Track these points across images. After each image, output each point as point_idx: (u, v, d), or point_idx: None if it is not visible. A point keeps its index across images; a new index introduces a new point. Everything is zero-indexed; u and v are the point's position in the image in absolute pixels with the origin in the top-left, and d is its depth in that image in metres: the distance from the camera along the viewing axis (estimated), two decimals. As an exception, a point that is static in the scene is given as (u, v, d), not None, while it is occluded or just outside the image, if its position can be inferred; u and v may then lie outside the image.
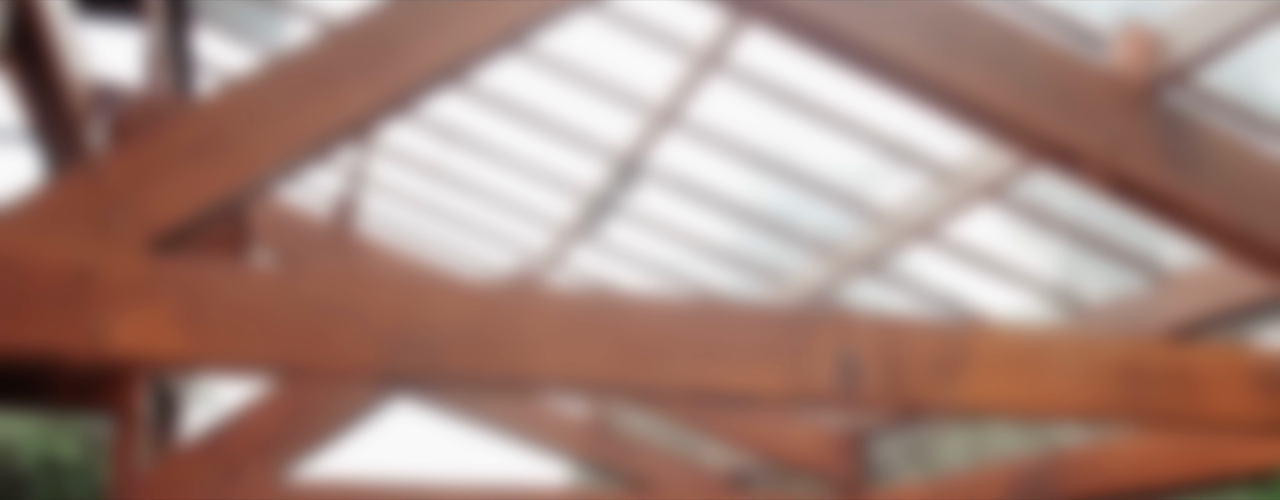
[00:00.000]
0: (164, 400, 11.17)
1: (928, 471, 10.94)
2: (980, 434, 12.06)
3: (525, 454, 13.90)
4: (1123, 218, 7.62)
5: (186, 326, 3.89)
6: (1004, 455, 9.77)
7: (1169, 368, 4.90)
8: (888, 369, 4.53)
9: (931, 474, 10.57)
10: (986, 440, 11.87)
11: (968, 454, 11.20)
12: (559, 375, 4.21)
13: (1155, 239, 7.68)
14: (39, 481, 11.25)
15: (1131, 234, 7.66)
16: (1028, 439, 10.53)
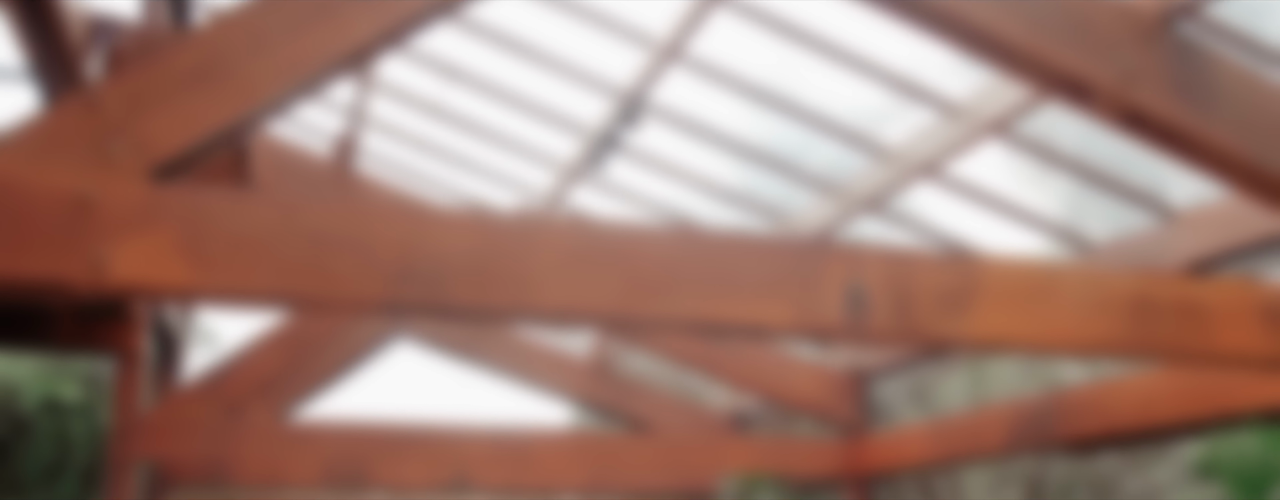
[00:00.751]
0: (166, 341, 11.16)
1: (929, 413, 10.93)
2: (982, 375, 12.05)
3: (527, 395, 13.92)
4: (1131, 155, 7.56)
5: (188, 256, 3.84)
6: (1006, 396, 9.75)
7: (1178, 302, 4.86)
8: (896, 302, 4.49)
9: (933, 415, 10.55)
10: (988, 381, 11.86)
11: (969, 395, 11.18)
12: (563, 307, 4.17)
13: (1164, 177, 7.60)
14: (41, 423, 11.26)
15: (1140, 172, 7.59)
16: (1030, 380, 10.50)
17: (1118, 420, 7.53)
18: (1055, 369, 10.39)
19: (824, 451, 10.57)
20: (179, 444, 9.39)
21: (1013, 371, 10.91)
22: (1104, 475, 10.29)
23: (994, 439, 8.76)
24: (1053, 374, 10.29)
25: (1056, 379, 9.84)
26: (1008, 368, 11.25)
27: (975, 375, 12.03)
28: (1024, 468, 10.99)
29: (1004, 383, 11.16)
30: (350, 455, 9.67)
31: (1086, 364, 10.00)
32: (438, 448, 9.71)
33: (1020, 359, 10.96)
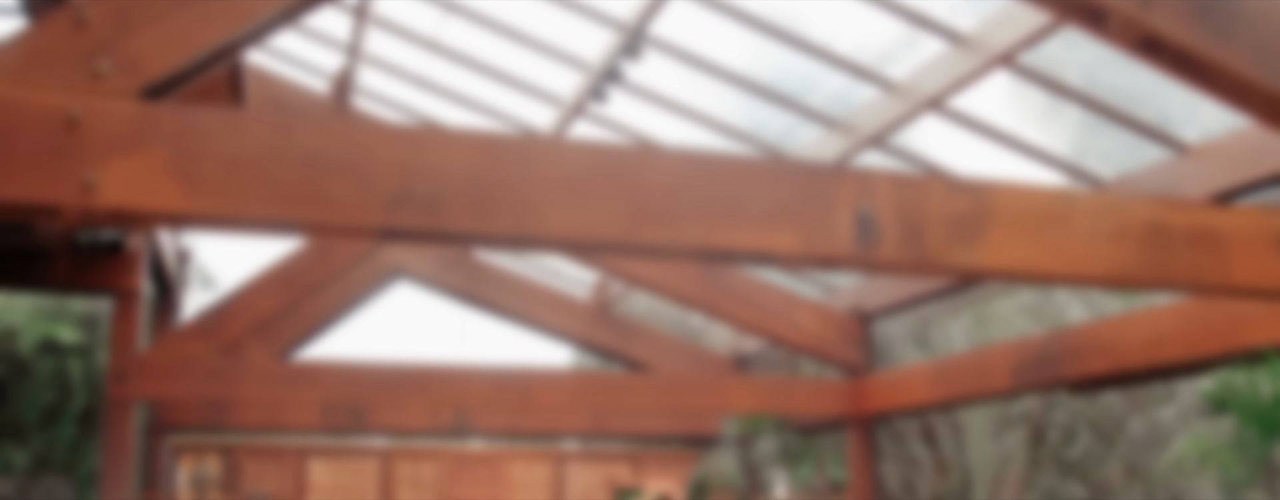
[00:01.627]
0: (164, 283, 11.07)
1: (931, 355, 10.86)
2: (985, 316, 11.96)
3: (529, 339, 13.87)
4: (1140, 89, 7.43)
5: (179, 178, 3.72)
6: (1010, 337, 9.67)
7: (1194, 230, 4.74)
8: (906, 230, 4.37)
9: (935, 356, 10.48)
10: (991, 323, 11.78)
11: (971, 338, 11.11)
12: (565, 233, 4.05)
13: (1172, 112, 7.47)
14: (39, 365, 11.19)
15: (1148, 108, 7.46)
16: (1034, 322, 10.43)
17: (1124, 359, 7.45)
18: (1059, 311, 10.31)
19: (827, 392, 10.50)
20: (177, 384, 9.31)
21: (1016, 312, 10.83)
22: (1107, 416, 10.24)
23: (998, 379, 8.69)
24: (1057, 315, 10.21)
25: (1061, 321, 9.76)
26: (1011, 310, 11.17)
27: (978, 317, 11.95)
28: (1026, 408, 10.94)
29: (1007, 325, 11.08)
30: (350, 395, 9.59)
31: (1091, 306, 9.92)
32: (438, 388, 9.62)
33: (1023, 301, 10.88)
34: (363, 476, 13.05)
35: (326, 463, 13.00)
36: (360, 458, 13.11)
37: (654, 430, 12.99)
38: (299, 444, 12.97)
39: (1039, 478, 11.03)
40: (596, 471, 13.65)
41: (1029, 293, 10.74)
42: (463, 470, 13.31)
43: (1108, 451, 10.71)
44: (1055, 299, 10.66)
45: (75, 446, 11.30)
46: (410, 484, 13.16)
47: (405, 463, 13.19)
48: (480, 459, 13.46)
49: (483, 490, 13.31)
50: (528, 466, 13.55)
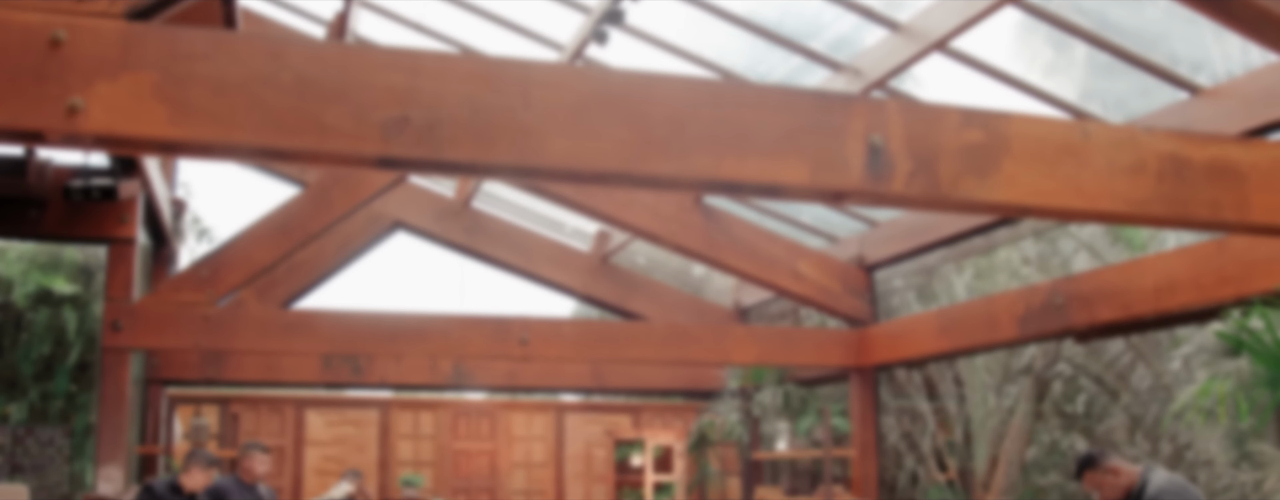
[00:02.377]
0: (160, 234, 10.95)
1: (934, 307, 10.76)
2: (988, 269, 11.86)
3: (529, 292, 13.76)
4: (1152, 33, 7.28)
5: (168, 103, 3.59)
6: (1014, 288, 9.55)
7: (1214, 164, 4.62)
8: (918, 162, 4.25)
9: (939, 306, 10.38)
10: (994, 275, 11.68)
11: (974, 291, 11.01)
12: (567, 162, 3.92)
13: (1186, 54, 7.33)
14: (34, 316, 11.09)
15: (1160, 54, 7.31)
16: (1038, 274, 10.32)
17: (1134, 306, 7.33)
18: (1065, 261, 10.22)
19: (830, 343, 10.40)
20: (173, 334, 9.19)
21: (1021, 263, 10.72)
22: (1111, 369, 10.16)
23: (1004, 328, 8.57)
24: (1062, 266, 10.11)
25: (1066, 271, 9.65)
26: (1016, 260, 11.06)
27: (981, 270, 11.84)
28: (1029, 361, 10.85)
29: (1011, 276, 10.98)
30: (348, 345, 9.49)
31: (1097, 256, 9.82)
32: (437, 337, 9.52)
33: (1028, 252, 10.77)
34: (361, 428, 12.98)
35: (325, 415, 12.93)
36: (359, 409, 13.03)
37: (654, 383, 12.92)
38: (297, 396, 12.90)
39: (1042, 431, 10.96)
40: (596, 424, 13.59)
41: (1033, 243, 10.63)
42: (462, 422, 13.25)
43: (1112, 404, 10.64)
44: (1060, 248, 10.56)
45: (71, 399, 11.23)
46: (409, 436, 13.09)
47: (404, 415, 13.13)
48: (479, 411, 13.40)
49: (482, 442, 13.25)
50: (527, 418, 13.49)
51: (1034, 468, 10.96)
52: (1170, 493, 5.04)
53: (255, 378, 11.85)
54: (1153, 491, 5.10)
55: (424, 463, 13.07)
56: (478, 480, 13.20)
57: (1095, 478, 5.37)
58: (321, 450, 12.79)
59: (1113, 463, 5.34)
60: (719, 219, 10.14)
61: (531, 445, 13.45)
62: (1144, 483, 5.22)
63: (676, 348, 10.03)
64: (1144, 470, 5.29)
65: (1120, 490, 5.30)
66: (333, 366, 11.82)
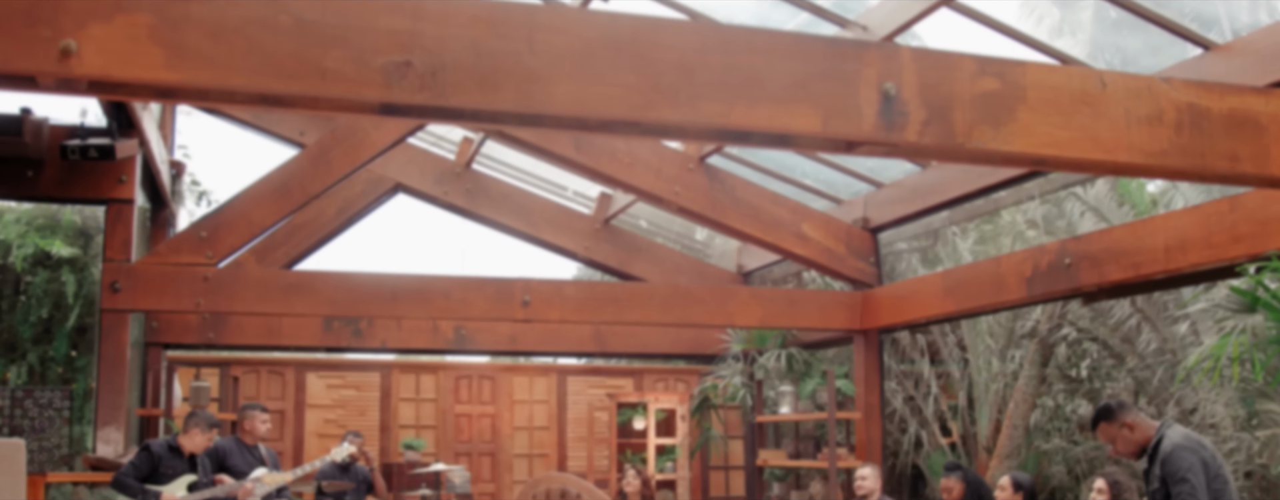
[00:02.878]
0: (158, 196, 10.85)
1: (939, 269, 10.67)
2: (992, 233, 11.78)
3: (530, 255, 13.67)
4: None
5: (164, 46, 3.49)
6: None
7: (1234, 115, 4.52)
8: (932, 110, 4.15)
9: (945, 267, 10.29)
10: (999, 239, 11.60)
11: (979, 255, 10.92)
12: (574, 109, 3.82)
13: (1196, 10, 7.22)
14: (32, 279, 11.01)
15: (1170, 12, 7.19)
16: (1044, 237, 10.23)
17: (1144, 265, 7.24)
18: (1071, 224, 10.13)
19: (834, 305, 10.33)
20: (172, 295, 9.11)
21: (1027, 226, 10.63)
22: (1117, 333, 10.09)
23: (1011, 290, 8.48)
24: (1068, 229, 10.02)
25: (1072, 234, 9.56)
26: (1021, 223, 10.98)
27: (985, 234, 11.76)
28: (1034, 325, 10.78)
29: (1016, 240, 10.90)
30: (349, 306, 9.40)
31: (1104, 220, 9.72)
32: (438, 298, 9.43)
33: (1033, 214, 10.68)
34: (362, 392, 12.93)
35: (325, 378, 12.88)
36: (360, 373, 12.98)
37: (656, 347, 12.85)
38: (298, 359, 12.84)
39: (1046, 395, 10.91)
40: (599, 387, 13.54)
41: (1039, 205, 10.54)
42: (463, 386, 13.20)
43: (1117, 368, 10.57)
44: (1066, 210, 10.46)
45: (71, 362, 11.16)
46: (410, 399, 13.05)
47: (405, 378, 13.08)
48: (481, 374, 13.34)
49: (484, 406, 13.21)
50: (529, 382, 13.44)
51: (1037, 432, 10.92)
52: (1186, 450, 4.93)
53: (256, 341, 11.79)
54: (1168, 448, 4.99)
55: (425, 426, 13.03)
56: (480, 443, 13.16)
57: (1110, 430, 5.25)
58: (322, 413, 12.75)
59: (1130, 417, 5.21)
60: (723, 180, 10.04)
61: (533, 408, 13.40)
62: (1160, 438, 5.11)
63: (680, 310, 9.95)
64: (1161, 426, 5.18)
65: (1134, 445, 5.19)
66: (333, 330, 11.75)
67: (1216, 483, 4.90)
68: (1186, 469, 4.86)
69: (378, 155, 9.61)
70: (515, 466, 13.23)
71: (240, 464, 8.04)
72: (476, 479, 12.94)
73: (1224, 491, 4.91)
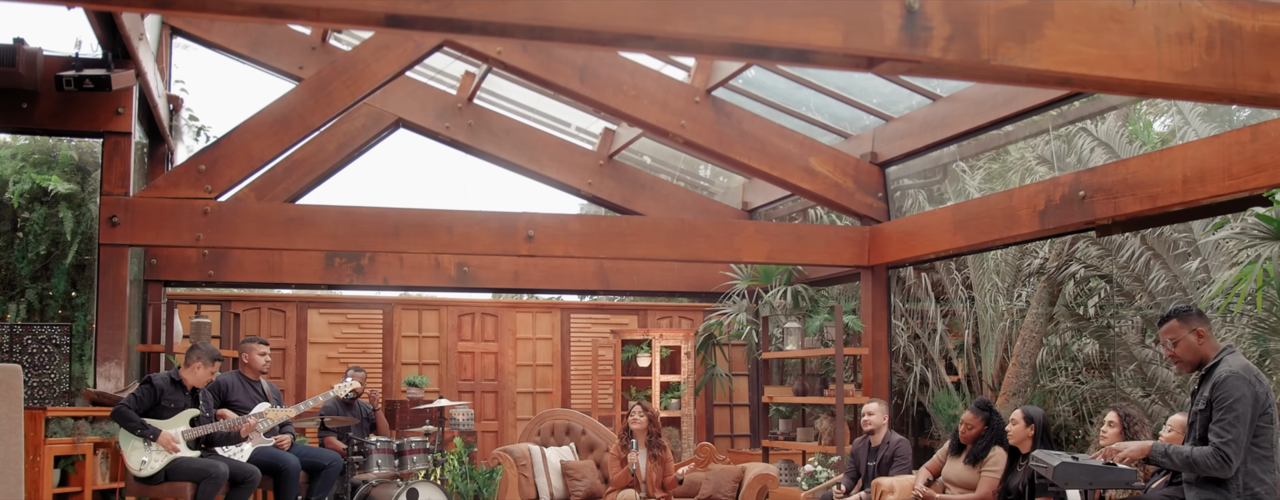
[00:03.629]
0: (155, 132, 10.70)
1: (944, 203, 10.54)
2: (999, 171, 11.63)
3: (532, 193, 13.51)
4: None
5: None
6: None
7: (1267, 34, 4.38)
8: (956, 25, 4.00)
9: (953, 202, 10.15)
10: (1006, 177, 11.46)
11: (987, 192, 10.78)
12: (587, 21, 3.68)
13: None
14: (30, 214, 10.88)
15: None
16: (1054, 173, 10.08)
17: (1161, 197, 7.10)
18: (1081, 160, 9.97)
19: (841, 240, 10.21)
20: (171, 229, 8.98)
21: (1036, 163, 10.48)
22: (1126, 270, 9.97)
23: (1023, 223, 8.35)
24: (1078, 165, 9.86)
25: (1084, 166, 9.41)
26: (1031, 159, 10.83)
27: (991, 173, 11.61)
28: (1042, 262, 10.67)
29: (1025, 177, 10.75)
30: (350, 241, 9.27)
31: (1114, 156, 9.57)
32: (440, 233, 9.31)
33: (1043, 150, 10.52)
34: (365, 329, 12.85)
35: (327, 315, 12.79)
36: (362, 310, 12.90)
37: (660, 284, 12.76)
38: (299, 296, 12.75)
39: (1052, 333, 10.81)
40: (602, 325, 13.46)
41: (1047, 143, 10.38)
42: (466, 323, 13.12)
43: (1125, 305, 10.47)
44: (1076, 146, 10.29)
45: (70, 299, 11.06)
46: (413, 336, 12.97)
47: (408, 315, 12.99)
48: (484, 312, 13.26)
49: (487, 343, 13.13)
50: (532, 319, 13.36)
51: (1043, 370, 10.84)
52: (1241, 379, 4.81)
53: (256, 278, 11.69)
54: (1224, 372, 4.85)
55: (428, 363, 12.96)
56: (483, 381, 13.10)
57: (1178, 331, 5.06)
58: (324, 351, 12.67)
59: (1202, 326, 5.05)
60: (729, 113, 9.89)
61: (537, 346, 13.33)
62: (1218, 361, 4.98)
63: (685, 244, 9.84)
64: (1223, 350, 5.05)
65: (1194, 354, 5.03)
66: (335, 267, 11.65)
67: (1262, 420, 4.79)
68: (1237, 399, 4.74)
69: (378, 87, 9.45)
70: (519, 404, 13.19)
71: (243, 399, 7.97)
72: (480, 416, 12.90)
73: (1268, 430, 4.80)
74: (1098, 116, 9.70)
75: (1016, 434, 6.96)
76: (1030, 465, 5.26)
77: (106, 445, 7.50)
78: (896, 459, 8.37)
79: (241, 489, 7.20)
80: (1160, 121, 11.42)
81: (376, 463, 8.80)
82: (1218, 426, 4.77)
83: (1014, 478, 6.99)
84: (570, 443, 9.85)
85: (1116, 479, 4.73)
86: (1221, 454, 4.74)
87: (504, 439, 12.91)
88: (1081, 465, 4.78)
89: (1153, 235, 9.53)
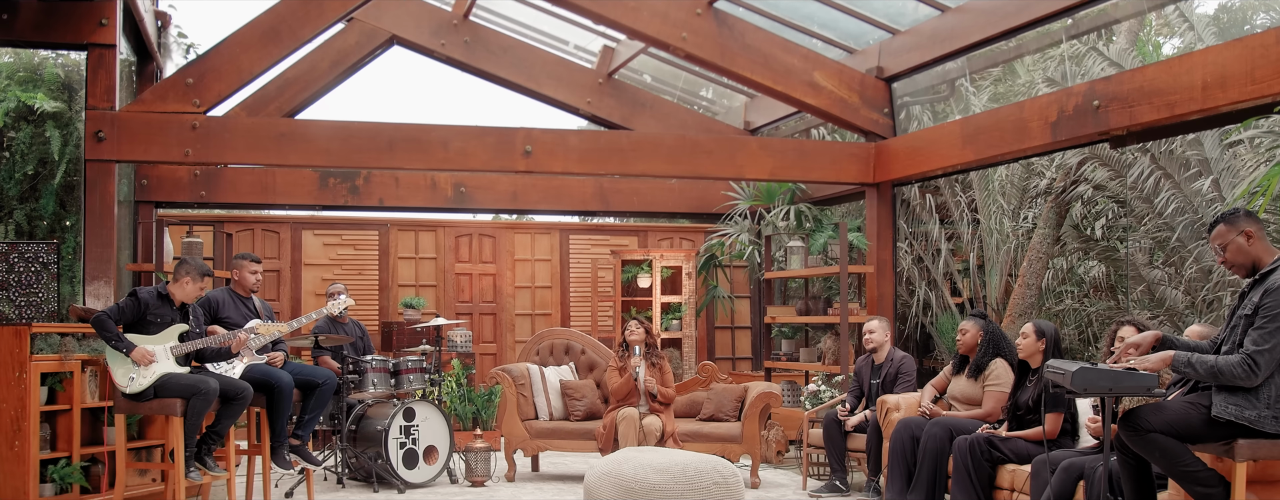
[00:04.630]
0: (143, 51, 10.43)
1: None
2: (1008, 93, 11.37)
3: (530, 112, 13.23)
4: None
5: None
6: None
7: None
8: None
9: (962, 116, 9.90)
10: (1012, 99, 11.20)
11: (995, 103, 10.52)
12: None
13: None
14: (17, 133, 10.64)
15: None
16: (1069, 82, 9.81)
17: (1180, 104, 6.86)
18: (1091, 73, 9.70)
19: (846, 156, 9.98)
20: (159, 145, 8.75)
21: (1044, 83, 10.21)
22: (1135, 189, 9.75)
23: (1034, 135, 8.10)
24: (1092, 71, 9.60)
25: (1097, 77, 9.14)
26: (1037, 77, 10.56)
27: (998, 94, 11.35)
28: (1048, 182, 10.45)
29: (1037, 87, 10.49)
30: (343, 157, 9.05)
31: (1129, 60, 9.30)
32: (436, 149, 9.08)
33: (1052, 69, 10.26)
34: (360, 250, 12.65)
35: (322, 236, 12.59)
36: (357, 231, 12.69)
37: (660, 205, 12.56)
38: (293, 217, 12.53)
39: (1059, 255, 10.60)
40: (602, 246, 13.27)
41: (1058, 62, 10.11)
42: (463, 244, 12.92)
43: (1133, 227, 10.24)
44: (1086, 66, 10.01)
45: (59, 220, 10.85)
46: (409, 258, 12.78)
47: (404, 236, 12.79)
48: (481, 232, 13.05)
49: (485, 264, 12.95)
50: (530, 240, 13.16)
51: (1049, 293, 10.66)
52: None
53: (249, 199, 11.48)
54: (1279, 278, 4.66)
55: (425, 285, 12.79)
56: (481, 303, 12.93)
57: (1227, 235, 4.83)
58: (319, 272, 12.49)
59: (1252, 227, 4.80)
60: (732, 26, 9.61)
61: (535, 267, 13.15)
62: (1276, 266, 4.76)
63: (687, 161, 9.61)
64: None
65: (1246, 257, 4.81)
66: (329, 187, 11.43)
67: None
68: None
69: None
70: (517, 326, 13.03)
71: (234, 315, 7.78)
72: (478, 339, 12.75)
73: None
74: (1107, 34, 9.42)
75: (1027, 348, 6.77)
76: (1045, 374, 5.06)
77: (95, 363, 7.32)
78: (900, 376, 8.22)
79: (233, 405, 7.02)
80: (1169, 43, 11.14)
81: (372, 382, 8.64)
82: (1258, 333, 4.57)
83: (1024, 393, 6.82)
84: (569, 362, 9.70)
85: (1137, 384, 4.54)
86: (1250, 362, 4.56)
87: (502, 361, 12.77)
88: (1101, 370, 4.59)
89: (1163, 153, 9.30)
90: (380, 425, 8.41)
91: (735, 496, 6.80)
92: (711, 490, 6.68)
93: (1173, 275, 9.63)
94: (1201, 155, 9.16)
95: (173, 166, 10.97)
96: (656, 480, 6.63)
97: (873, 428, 7.82)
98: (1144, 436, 4.70)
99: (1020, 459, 6.62)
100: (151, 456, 7.67)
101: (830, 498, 8.07)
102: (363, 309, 12.36)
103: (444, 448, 8.70)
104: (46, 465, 7.03)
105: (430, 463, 8.61)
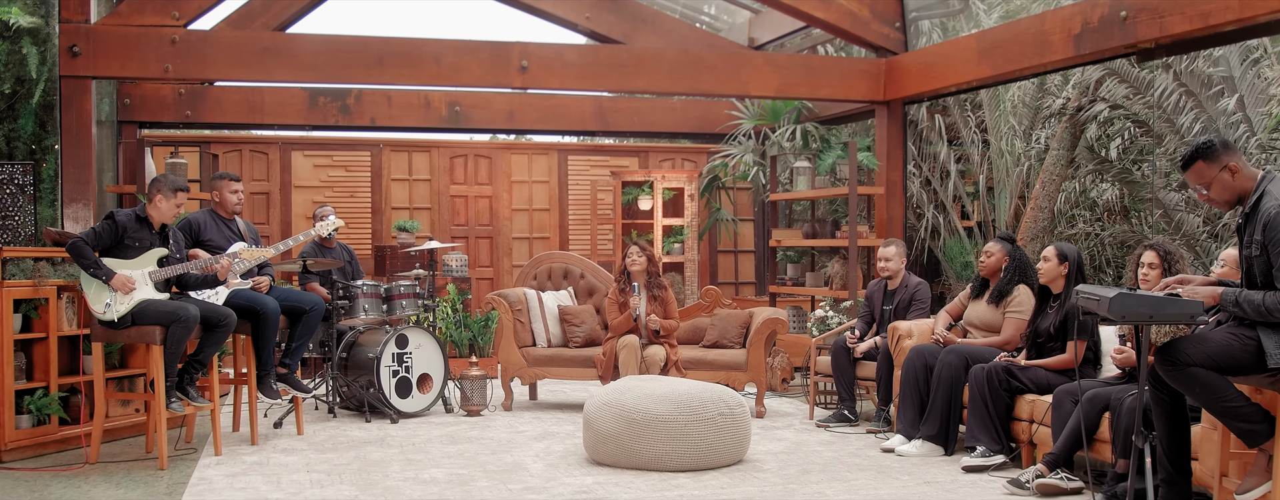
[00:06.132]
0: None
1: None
2: (1021, 9, 10.93)
3: (526, 28, 12.76)
4: None
5: None
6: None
7: None
8: None
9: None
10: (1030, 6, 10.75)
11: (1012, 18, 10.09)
12: None
13: None
14: (-6, 50, 10.23)
15: None
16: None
17: (1212, 14, 6.45)
18: None
19: (855, 72, 9.58)
20: (138, 60, 8.36)
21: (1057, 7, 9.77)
22: (1156, 110, 9.37)
23: (1055, 49, 7.70)
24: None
25: None
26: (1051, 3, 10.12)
27: (1013, 9, 10.90)
28: (1063, 103, 10.07)
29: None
30: (332, 72, 8.65)
31: None
32: (429, 64, 8.69)
33: None
34: (351, 172, 12.28)
35: (312, 157, 12.21)
36: (348, 152, 12.31)
37: (662, 125, 12.17)
38: (283, 137, 12.14)
39: (1072, 178, 10.23)
40: (601, 167, 12.90)
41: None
42: (458, 165, 12.55)
43: (1152, 149, 9.86)
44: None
45: (38, 140, 10.48)
46: (402, 179, 12.42)
47: (397, 157, 12.41)
48: (477, 153, 12.67)
49: (480, 186, 12.59)
50: (528, 161, 12.79)
51: (1062, 216, 10.31)
52: None
53: (236, 119, 11.09)
54: (1272, 208, 4.24)
55: (419, 208, 12.44)
56: (477, 226, 12.60)
57: (1207, 172, 4.42)
58: (310, 195, 12.13)
59: (1234, 159, 4.39)
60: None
61: (533, 189, 12.80)
62: (1261, 191, 4.36)
63: (689, 78, 9.22)
64: (1263, 178, 4.41)
65: (1232, 192, 4.41)
66: (319, 106, 11.04)
67: None
68: None
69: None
70: (515, 250, 12.71)
71: (217, 238, 7.41)
72: (474, 263, 12.43)
73: None
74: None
75: (1048, 272, 6.43)
76: (1078, 300, 4.69)
77: (71, 289, 6.99)
78: (914, 302, 7.90)
79: (215, 333, 6.69)
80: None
81: (363, 308, 8.32)
82: None
83: (1044, 320, 6.49)
84: (568, 287, 9.37)
85: (1181, 311, 4.18)
86: None
87: (499, 286, 12.47)
88: (1141, 296, 4.23)
89: (1186, 70, 8.90)
90: (372, 352, 8.12)
91: (741, 427, 6.51)
92: (716, 421, 6.38)
93: (1192, 199, 9.27)
94: (1225, 72, 8.77)
95: (156, 85, 10.58)
96: (659, 410, 6.33)
97: (883, 355, 7.52)
98: (1183, 370, 4.35)
99: (1040, 389, 6.32)
100: (134, 386, 7.37)
101: (838, 427, 7.78)
102: (355, 232, 12.02)
103: (438, 376, 8.42)
104: (22, 395, 6.74)
105: (424, 391, 8.33)
